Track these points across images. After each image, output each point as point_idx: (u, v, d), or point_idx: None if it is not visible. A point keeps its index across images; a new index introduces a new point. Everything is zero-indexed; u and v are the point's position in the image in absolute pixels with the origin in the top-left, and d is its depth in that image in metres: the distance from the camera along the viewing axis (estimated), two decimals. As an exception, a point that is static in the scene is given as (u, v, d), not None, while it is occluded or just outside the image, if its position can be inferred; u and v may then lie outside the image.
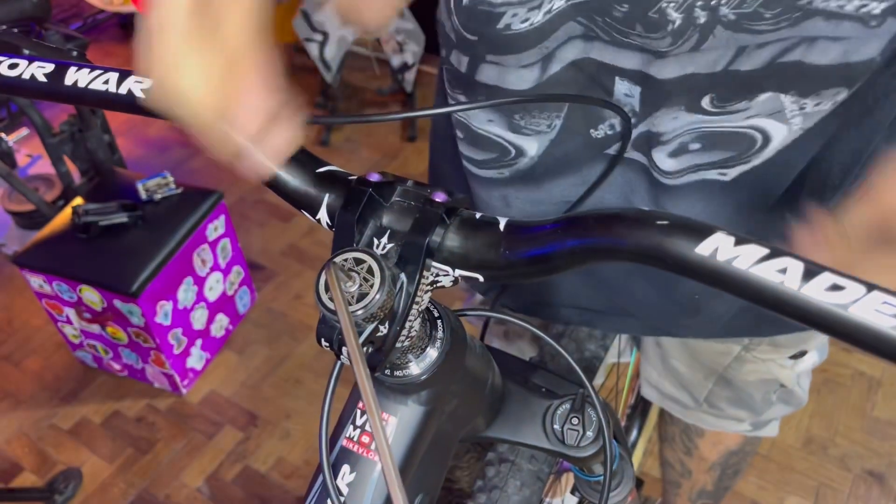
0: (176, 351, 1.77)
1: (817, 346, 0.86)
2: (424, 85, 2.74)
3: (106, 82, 0.42)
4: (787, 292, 0.26)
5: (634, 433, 1.26)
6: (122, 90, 0.42)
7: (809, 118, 0.50)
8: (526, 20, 0.49)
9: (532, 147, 0.59)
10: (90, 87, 0.43)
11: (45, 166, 2.31)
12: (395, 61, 2.55)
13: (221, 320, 1.94)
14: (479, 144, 0.61)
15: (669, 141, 0.54)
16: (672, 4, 0.45)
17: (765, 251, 0.27)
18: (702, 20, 0.45)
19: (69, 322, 1.80)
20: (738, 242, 0.28)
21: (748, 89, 0.49)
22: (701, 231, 0.29)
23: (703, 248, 0.28)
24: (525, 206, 0.65)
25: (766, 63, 0.47)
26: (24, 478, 1.71)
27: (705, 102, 0.51)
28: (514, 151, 0.60)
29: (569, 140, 0.58)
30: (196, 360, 1.86)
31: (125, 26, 3.26)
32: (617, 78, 0.53)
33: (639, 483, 1.28)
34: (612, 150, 0.59)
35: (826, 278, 0.26)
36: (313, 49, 2.45)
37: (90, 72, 0.43)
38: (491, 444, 0.74)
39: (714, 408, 0.91)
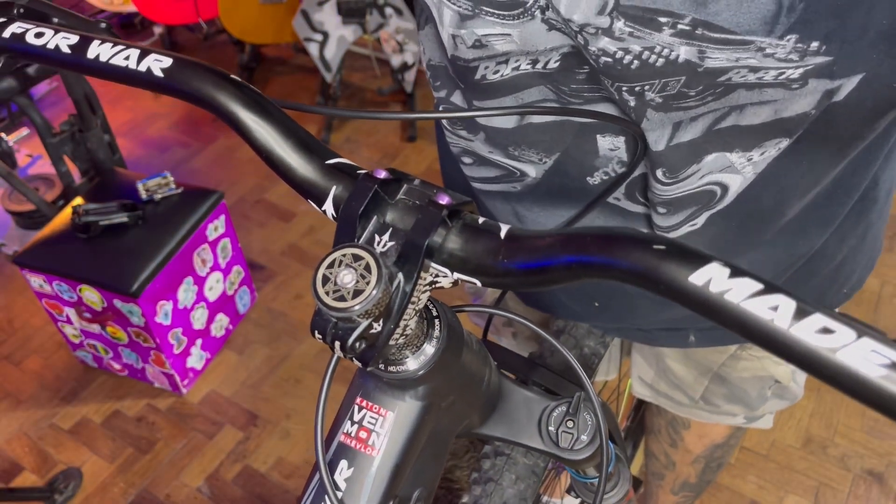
0: (176, 351, 1.77)
1: None
2: (424, 85, 2.74)
3: (127, 58, 0.42)
4: (776, 330, 0.26)
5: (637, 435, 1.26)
6: (142, 67, 0.42)
7: (759, 164, 0.52)
8: (497, 72, 0.52)
9: (531, 171, 0.62)
10: (111, 61, 0.42)
11: (45, 166, 2.31)
12: (395, 61, 2.55)
13: (221, 320, 1.94)
14: (487, 165, 0.64)
15: None
16: (607, 81, 0.47)
17: (758, 286, 0.27)
18: (632, 103, 0.47)
19: (69, 322, 1.80)
20: (733, 275, 0.28)
21: (695, 154, 0.51)
22: (697, 259, 0.29)
23: (697, 278, 0.28)
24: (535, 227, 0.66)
25: (703, 132, 0.49)
26: (25, 477, 1.72)
27: (659, 174, 0.53)
28: (518, 173, 0.63)
29: (564, 179, 0.61)
30: (196, 359, 1.87)
31: (125, 26, 3.27)
32: (598, 136, 0.55)
33: (637, 483, 1.28)
34: (613, 199, 0.61)
35: (817, 319, 0.26)
36: (313, 49, 2.45)
37: (112, 46, 0.43)
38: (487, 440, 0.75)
39: (710, 404, 0.92)
